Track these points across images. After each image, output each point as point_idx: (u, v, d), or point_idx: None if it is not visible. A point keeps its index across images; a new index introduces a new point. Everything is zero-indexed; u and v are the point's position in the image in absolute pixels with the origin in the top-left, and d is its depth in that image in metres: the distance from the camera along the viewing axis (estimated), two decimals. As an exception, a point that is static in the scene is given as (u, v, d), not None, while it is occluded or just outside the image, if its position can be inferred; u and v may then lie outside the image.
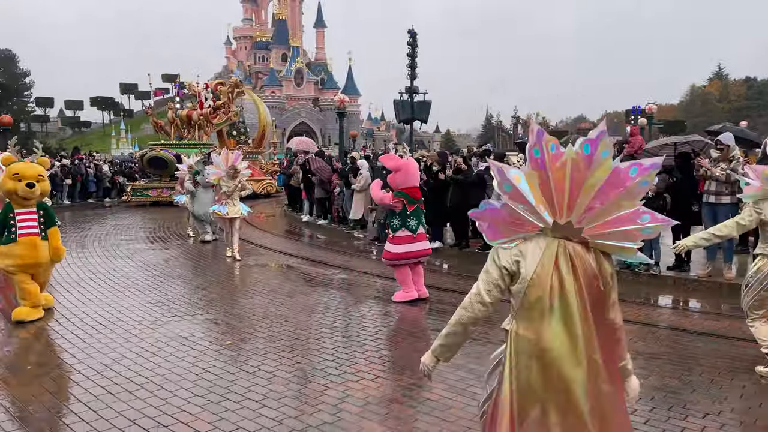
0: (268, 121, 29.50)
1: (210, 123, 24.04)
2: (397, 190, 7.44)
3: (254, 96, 31.87)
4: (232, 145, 25.46)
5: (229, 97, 25.18)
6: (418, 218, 7.51)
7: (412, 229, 7.44)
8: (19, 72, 76.04)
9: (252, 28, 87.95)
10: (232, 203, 10.52)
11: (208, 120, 23.91)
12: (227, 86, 25.64)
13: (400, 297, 7.53)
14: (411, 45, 20.78)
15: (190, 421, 4.10)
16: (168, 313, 6.91)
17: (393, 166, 7.55)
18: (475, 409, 4.29)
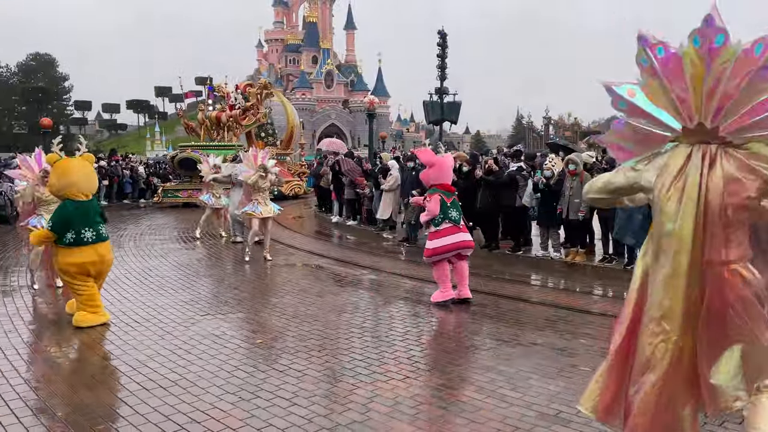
0: (296, 122, 29.62)
1: (239, 124, 24.15)
2: (431, 187, 7.39)
3: (282, 97, 32.05)
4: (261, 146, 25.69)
5: (257, 99, 25.27)
6: (458, 209, 7.40)
7: (456, 220, 7.28)
8: (58, 76, 78.29)
9: (283, 31, 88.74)
10: (264, 203, 10.42)
11: (237, 121, 24.01)
12: (256, 88, 25.77)
13: (437, 297, 7.30)
14: (441, 46, 20.73)
15: (221, 417, 4.17)
16: (200, 312, 7.03)
17: (427, 161, 7.46)
18: (505, 411, 4.27)
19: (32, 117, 65.32)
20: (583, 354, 5.55)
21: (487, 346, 5.80)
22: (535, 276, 9.50)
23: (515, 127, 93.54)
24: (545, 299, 7.90)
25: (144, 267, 9.84)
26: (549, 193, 9.67)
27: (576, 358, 5.42)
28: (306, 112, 75.51)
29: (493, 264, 10.35)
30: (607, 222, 9.36)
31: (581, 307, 7.42)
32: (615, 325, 3.03)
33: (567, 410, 4.28)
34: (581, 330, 6.38)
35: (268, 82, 28.17)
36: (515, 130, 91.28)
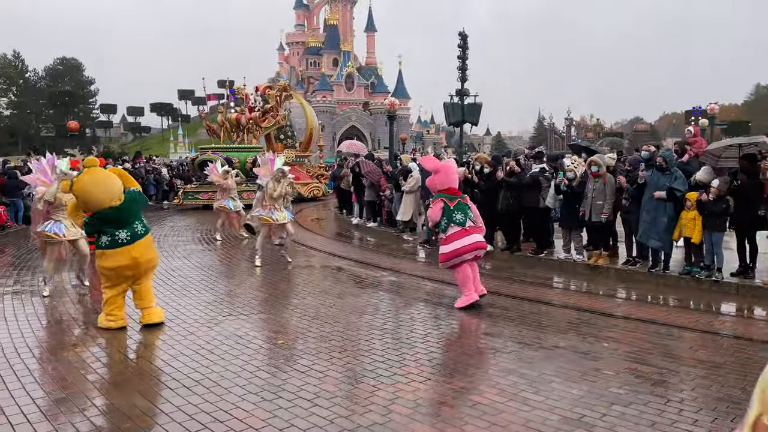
0: (315, 124, 29.61)
1: (259, 126, 24.24)
2: (436, 192, 7.50)
3: (301, 99, 32.16)
4: (280, 148, 25.62)
5: (277, 101, 25.32)
6: (463, 211, 7.39)
7: (461, 222, 7.32)
8: (84, 80, 79.74)
9: (304, 34, 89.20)
10: (279, 209, 10.27)
11: (257, 124, 24.09)
12: (275, 90, 25.81)
13: (462, 303, 7.21)
14: (461, 47, 20.65)
15: (244, 417, 4.20)
16: (223, 312, 7.09)
17: (432, 167, 7.58)
18: (527, 414, 4.23)
19: (59, 120, 66.62)
20: (606, 358, 5.49)
21: (509, 348, 5.76)
22: (557, 278, 9.41)
23: (537, 129, 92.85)
24: (568, 302, 7.82)
25: (168, 268, 9.95)
26: (571, 194, 9.58)
27: (599, 362, 5.35)
28: (326, 114, 75.79)
29: (514, 266, 10.28)
30: (631, 224, 9.25)
31: (604, 311, 7.33)
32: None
33: (591, 414, 4.24)
34: (604, 333, 6.30)
35: (288, 84, 28.31)
36: (537, 132, 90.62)
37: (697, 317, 7.05)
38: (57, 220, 7.84)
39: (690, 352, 5.75)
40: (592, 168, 9.32)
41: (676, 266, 8.94)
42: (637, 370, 5.15)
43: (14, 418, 4.20)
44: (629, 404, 4.42)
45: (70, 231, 7.94)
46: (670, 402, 4.48)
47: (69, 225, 7.93)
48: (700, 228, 8.25)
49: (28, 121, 74.21)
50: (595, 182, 9.29)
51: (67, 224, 7.92)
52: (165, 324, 6.57)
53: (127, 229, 6.17)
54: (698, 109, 37.15)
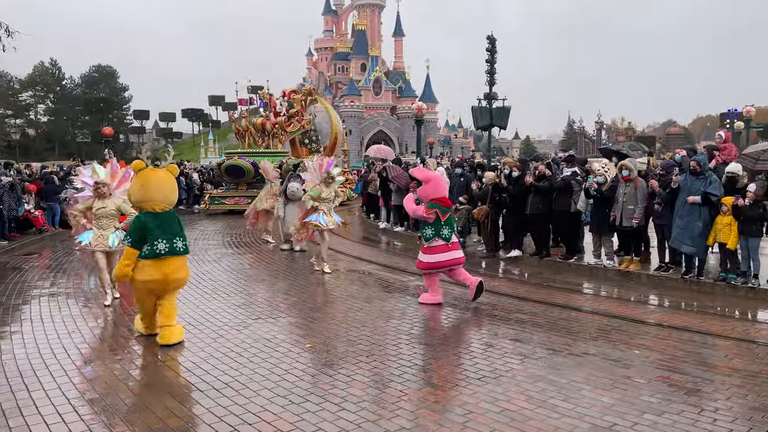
0: (339, 128, 29.33)
1: (284, 131, 24.00)
2: (429, 201, 7.68)
3: (326, 103, 31.70)
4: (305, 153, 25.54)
5: (302, 105, 25.07)
6: (451, 226, 7.78)
7: (446, 238, 7.67)
8: (119, 87, 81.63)
9: (332, 39, 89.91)
10: (329, 213, 10.00)
11: (282, 128, 23.83)
12: (301, 94, 25.53)
13: (425, 299, 7.77)
14: (490, 51, 20.52)
15: (272, 420, 4.24)
16: (252, 316, 7.17)
17: (422, 177, 7.84)
18: (556, 422, 4.18)
19: (94, 126, 68.33)
20: (638, 365, 5.39)
21: (538, 355, 5.70)
22: (587, 284, 9.28)
23: (566, 132, 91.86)
24: (598, 308, 7.71)
25: (198, 271, 10.10)
26: (601, 199, 9.45)
27: (631, 370, 5.26)
28: (354, 119, 76.16)
29: (543, 272, 10.17)
30: (664, 229, 9.07)
31: (636, 317, 7.20)
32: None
33: (622, 423, 4.17)
34: (636, 341, 6.19)
35: (312, 88, 27.92)
36: (566, 135, 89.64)
37: (732, 325, 6.88)
38: (90, 229, 7.78)
39: (725, 361, 5.61)
40: (623, 172, 9.18)
41: (711, 273, 8.73)
42: (669, 379, 5.04)
43: (49, 418, 4.31)
44: (662, 413, 4.34)
45: (97, 240, 7.65)
46: (704, 411, 4.38)
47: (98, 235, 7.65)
48: (736, 233, 8.06)
49: (65, 127, 76.25)
50: (626, 186, 9.15)
51: (96, 233, 7.67)
52: (195, 327, 6.67)
53: (167, 241, 5.98)
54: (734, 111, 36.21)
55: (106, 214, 7.65)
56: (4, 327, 6.75)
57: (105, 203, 7.64)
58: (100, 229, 7.66)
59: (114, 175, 7.79)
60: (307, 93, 25.75)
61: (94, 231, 7.66)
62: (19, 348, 5.95)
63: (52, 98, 76.64)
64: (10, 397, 4.67)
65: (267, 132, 23.62)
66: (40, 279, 9.51)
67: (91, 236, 7.66)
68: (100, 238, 7.63)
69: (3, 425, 4.16)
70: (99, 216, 7.63)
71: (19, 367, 5.38)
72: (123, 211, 7.67)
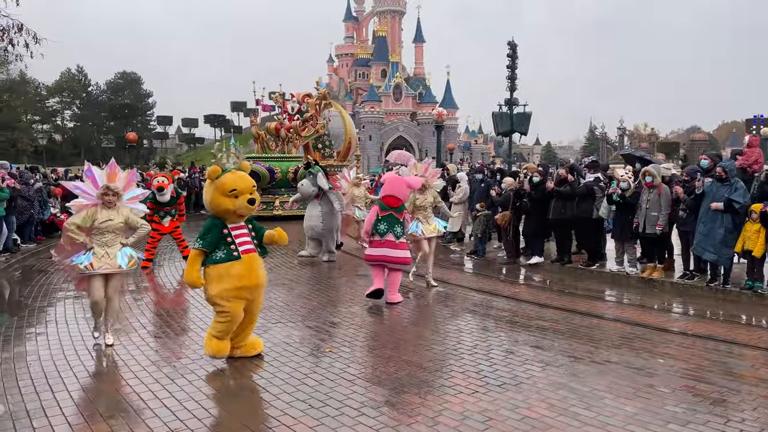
0: (353, 133, 28.91)
1: (299, 135, 23.32)
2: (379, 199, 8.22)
3: (340, 108, 31.18)
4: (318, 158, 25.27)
5: (316, 109, 24.35)
6: (389, 224, 8.08)
7: (381, 233, 8.04)
8: (143, 93, 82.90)
9: (353, 46, 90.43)
10: (426, 221, 9.21)
11: (297, 132, 23.18)
12: (315, 98, 24.67)
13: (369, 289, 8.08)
14: (511, 57, 20.46)
15: (292, 424, 4.25)
16: (272, 319, 7.21)
17: (383, 179, 8.39)
18: (578, 430, 4.13)
19: (119, 132, 69.38)
20: (662, 374, 5.30)
21: (559, 362, 5.63)
22: (609, 291, 9.16)
23: (588, 138, 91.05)
24: (620, 316, 7.60)
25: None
26: (624, 205, 9.33)
27: (654, 379, 5.17)
28: (374, 125, 76.40)
29: (564, 278, 10.07)
30: (688, 236, 8.92)
31: (659, 325, 7.08)
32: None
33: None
34: (660, 349, 6.09)
35: (327, 92, 26.94)
36: (588, 141, 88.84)
37: (759, 334, 6.73)
38: (90, 248, 6.02)
39: (752, 371, 5.49)
40: (647, 178, 9.07)
41: (737, 281, 8.56)
42: (694, 388, 4.95)
43: (72, 419, 4.37)
44: (686, 423, 4.26)
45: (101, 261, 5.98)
46: (730, 422, 4.29)
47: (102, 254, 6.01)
48: (763, 241, 7.90)
49: (90, 132, 77.53)
50: (649, 193, 9.03)
51: (99, 252, 6.01)
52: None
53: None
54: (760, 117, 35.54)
55: (113, 228, 6.05)
56: (30, 328, 6.87)
57: (111, 215, 6.03)
58: (103, 246, 6.03)
59: (114, 178, 6.15)
60: (321, 97, 25.13)
61: (96, 250, 5.99)
62: (43, 349, 6.04)
63: (78, 104, 78.07)
64: (34, 398, 4.75)
65: (281, 137, 23.15)
66: (65, 281, 9.65)
67: (91, 257, 5.97)
68: (105, 257, 6.00)
69: (27, 426, 4.23)
70: (103, 231, 6.01)
71: (43, 368, 5.46)
72: (131, 224, 6.22)
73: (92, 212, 5.99)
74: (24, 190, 13.03)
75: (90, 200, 6.04)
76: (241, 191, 5.48)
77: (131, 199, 6.34)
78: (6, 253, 11.86)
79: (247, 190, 5.54)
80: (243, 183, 5.53)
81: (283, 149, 23.18)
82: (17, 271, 10.82)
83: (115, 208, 6.09)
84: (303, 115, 23.66)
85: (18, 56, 12.83)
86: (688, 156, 42.10)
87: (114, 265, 6.03)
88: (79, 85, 77.76)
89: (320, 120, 24.79)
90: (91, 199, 6.04)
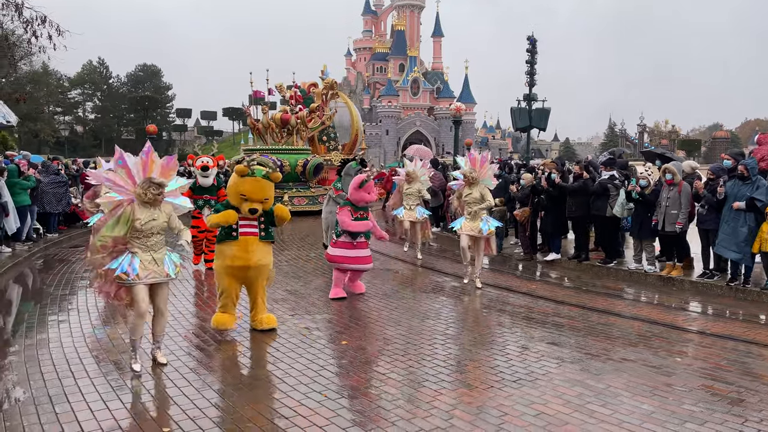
0: (359, 125, 27.93)
1: (306, 127, 21.90)
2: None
3: (347, 99, 30.12)
4: (323, 151, 24.15)
5: (323, 100, 23.21)
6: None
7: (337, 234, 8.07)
8: (163, 86, 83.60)
9: (371, 40, 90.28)
10: (471, 218, 8.63)
11: (304, 124, 21.72)
12: (321, 88, 23.34)
13: (332, 294, 8.04)
14: (530, 52, 20.31)
15: (308, 415, 4.29)
16: (289, 311, 7.26)
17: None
18: (593, 428, 4.12)
19: (139, 124, 70.09)
20: (680, 373, 5.26)
21: (575, 359, 5.61)
22: (627, 289, 9.08)
23: (607, 135, 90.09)
24: (638, 314, 7.54)
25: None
26: (644, 203, 9.24)
27: (672, 378, 5.14)
28: (391, 119, 76.30)
29: (581, 275, 10.01)
30: (709, 234, 8.81)
31: (678, 324, 7.03)
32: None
33: (662, 431, 4.08)
34: (678, 348, 6.04)
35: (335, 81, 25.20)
36: (607, 138, 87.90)
37: (781, 335, 6.65)
38: (134, 252, 5.07)
39: (775, 372, 5.42)
40: (667, 176, 8.97)
41: (758, 280, 8.45)
42: (713, 388, 4.91)
43: (94, 405, 4.45)
44: (704, 422, 4.23)
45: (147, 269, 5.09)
46: (748, 422, 4.25)
47: (148, 260, 5.10)
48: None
49: (111, 124, 78.41)
50: (669, 190, 8.93)
51: (145, 259, 5.09)
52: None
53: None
54: (784, 114, 34.87)
55: (158, 228, 5.11)
56: (52, 316, 7.00)
57: (154, 213, 5.05)
58: (148, 251, 5.09)
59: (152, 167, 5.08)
60: (328, 86, 23.65)
61: (140, 255, 5.05)
62: (66, 336, 6.16)
63: (99, 96, 78.99)
64: (57, 383, 4.85)
65: (291, 127, 21.53)
66: (86, 270, 9.80)
67: (137, 263, 5.01)
68: (151, 264, 5.09)
69: (50, 411, 4.32)
70: (147, 232, 5.04)
71: (65, 354, 5.57)
72: (172, 225, 5.27)
73: (129, 212, 4.95)
74: (53, 178, 13.33)
75: (126, 195, 5.02)
76: (250, 198, 5.99)
77: (172, 192, 5.27)
78: (29, 242, 12.07)
79: (256, 198, 6.01)
80: (256, 193, 6.01)
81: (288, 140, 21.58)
82: (40, 260, 11.02)
83: (157, 205, 5.09)
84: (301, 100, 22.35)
85: (41, 48, 13.04)
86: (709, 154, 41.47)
87: (162, 273, 5.14)
88: (101, 77, 78.65)
89: (327, 111, 23.56)
90: (126, 193, 5.01)
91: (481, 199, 8.56)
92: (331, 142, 26.39)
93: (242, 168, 5.96)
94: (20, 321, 6.87)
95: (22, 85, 46.59)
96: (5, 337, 6.24)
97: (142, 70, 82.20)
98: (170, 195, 5.24)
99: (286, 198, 19.27)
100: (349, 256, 7.98)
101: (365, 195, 7.91)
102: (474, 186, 8.59)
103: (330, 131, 26.37)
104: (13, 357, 5.54)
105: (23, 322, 6.76)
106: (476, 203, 8.54)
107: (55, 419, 4.19)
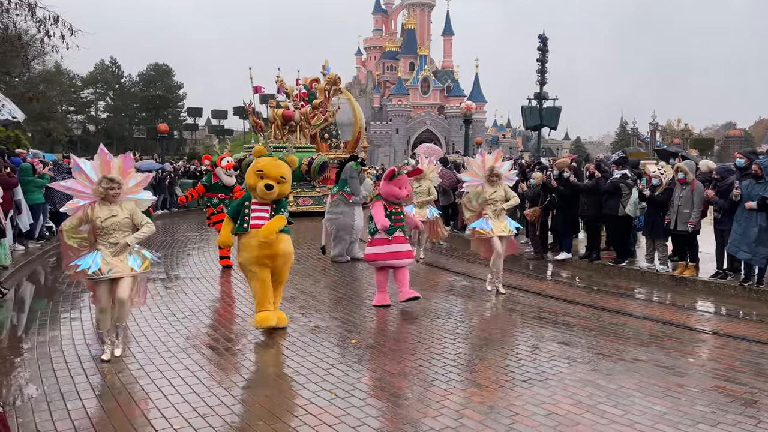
0: (362, 123, 27.49)
1: (309, 123, 21.37)
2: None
3: (349, 95, 29.68)
4: (325, 148, 23.68)
5: (325, 96, 22.66)
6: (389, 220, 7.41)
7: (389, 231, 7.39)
8: (174, 84, 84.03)
9: (381, 38, 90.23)
10: (496, 218, 8.29)
11: (307, 120, 21.13)
12: (324, 83, 22.75)
13: (375, 301, 7.60)
14: (541, 50, 20.24)
15: (318, 413, 4.29)
16: (299, 310, 7.28)
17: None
18: (605, 428, 4.09)
19: (150, 123, 70.47)
20: (693, 374, 5.22)
21: (586, 359, 5.58)
22: (638, 289, 9.02)
23: (619, 133, 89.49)
24: (650, 314, 7.48)
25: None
26: (656, 202, 9.17)
27: (685, 378, 5.09)
28: (401, 118, 76.28)
29: (593, 275, 9.96)
30: (723, 234, 8.72)
31: (690, 324, 6.96)
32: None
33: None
34: (690, 348, 5.99)
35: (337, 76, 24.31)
36: (619, 137, 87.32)
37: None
38: (98, 250, 5.32)
39: (788, 373, 5.36)
40: (679, 174, 8.89)
41: (772, 281, 8.35)
42: (725, 389, 4.86)
43: (105, 401, 4.48)
44: (717, 424, 4.18)
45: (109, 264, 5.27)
46: (761, 423, 4.20)
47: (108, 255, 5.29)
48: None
49: (123, 123, 78.94)
50: (682, 189, 8.85)
51: (107, 254, 5.29)
52: (243, 319, 6.82)
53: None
54: (799, 113, 34.46)
55: (119, 224, 5.33)
56: (65, 314, 7.06)
57: (114, 210, 5.32)
58: (111, 247, 5.31)
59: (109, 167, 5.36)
60: (331, 82, 23.03)
61: (102, 251, 5.27)
62: (78, 334, 6.21)
63: (111, 95, 79.51)
64: (68, 380, 4.88)
65: (295, 122, 20.75)
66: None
67: (99, 259, 5.23)
68: (114, 259, 5.31)
69: (61, 407, 4.35)
70: (108, 229, 5.29)
71: (77, 352, 5.61)
72: (135, 220, 5.46)
73: (89, 211, 5.26)
74: (65, 177, 13.39)
75: (87, 199, 5.29)
76: (267, 174, 6.07)
77: (135, 187, 5.53)
78: (42, 240, 12.17)
79: (272, 176, 6.09)
80: (272, 169, 6.11)
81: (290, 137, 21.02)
82: (52, 258, 11.11)
83: (117, 202, 5.35)
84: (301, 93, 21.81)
85: (54, 47, 13.13)
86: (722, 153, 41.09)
87: (125, 268, 5.31)
88: (113, 76, 79.17)
89: (329, 107, 23.13)
90: (88, 197, 5.29)
91: (505, 197, 8.33)
92: (333, 139, 25.81)
93: (260, 148, 6.34)
94: (33, 318, 6.93)
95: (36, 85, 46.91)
96: (18, 334, 6.30)
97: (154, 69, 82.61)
98: (130, 192, 5.51)
99: (291, 198, 19.06)
100: (386, 252, 7.38)
101: (396, 189, 7.39)
102: (497, 184, 8.32)
103: (332, 128, 25.86)
104: (26, 354, 5.59)
105: (36, 320, 6.82)
106: (502, 201, 8.29)
107: (67, 416, 4.22)
